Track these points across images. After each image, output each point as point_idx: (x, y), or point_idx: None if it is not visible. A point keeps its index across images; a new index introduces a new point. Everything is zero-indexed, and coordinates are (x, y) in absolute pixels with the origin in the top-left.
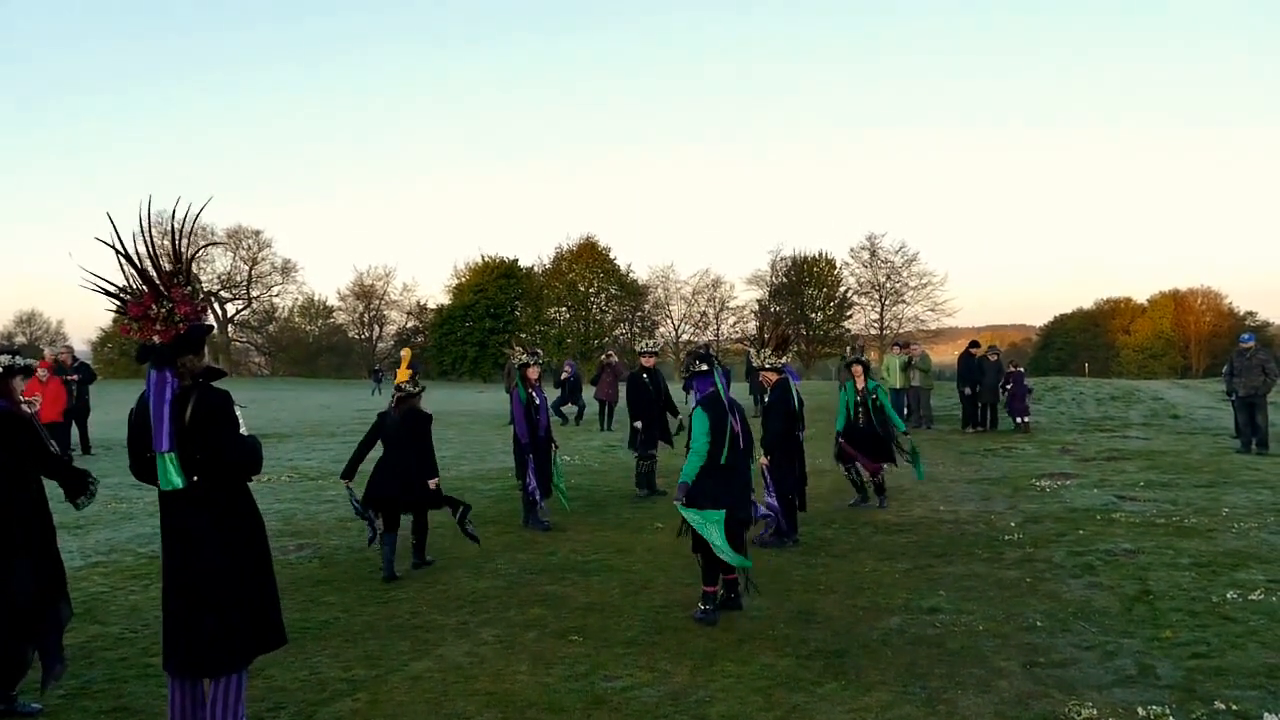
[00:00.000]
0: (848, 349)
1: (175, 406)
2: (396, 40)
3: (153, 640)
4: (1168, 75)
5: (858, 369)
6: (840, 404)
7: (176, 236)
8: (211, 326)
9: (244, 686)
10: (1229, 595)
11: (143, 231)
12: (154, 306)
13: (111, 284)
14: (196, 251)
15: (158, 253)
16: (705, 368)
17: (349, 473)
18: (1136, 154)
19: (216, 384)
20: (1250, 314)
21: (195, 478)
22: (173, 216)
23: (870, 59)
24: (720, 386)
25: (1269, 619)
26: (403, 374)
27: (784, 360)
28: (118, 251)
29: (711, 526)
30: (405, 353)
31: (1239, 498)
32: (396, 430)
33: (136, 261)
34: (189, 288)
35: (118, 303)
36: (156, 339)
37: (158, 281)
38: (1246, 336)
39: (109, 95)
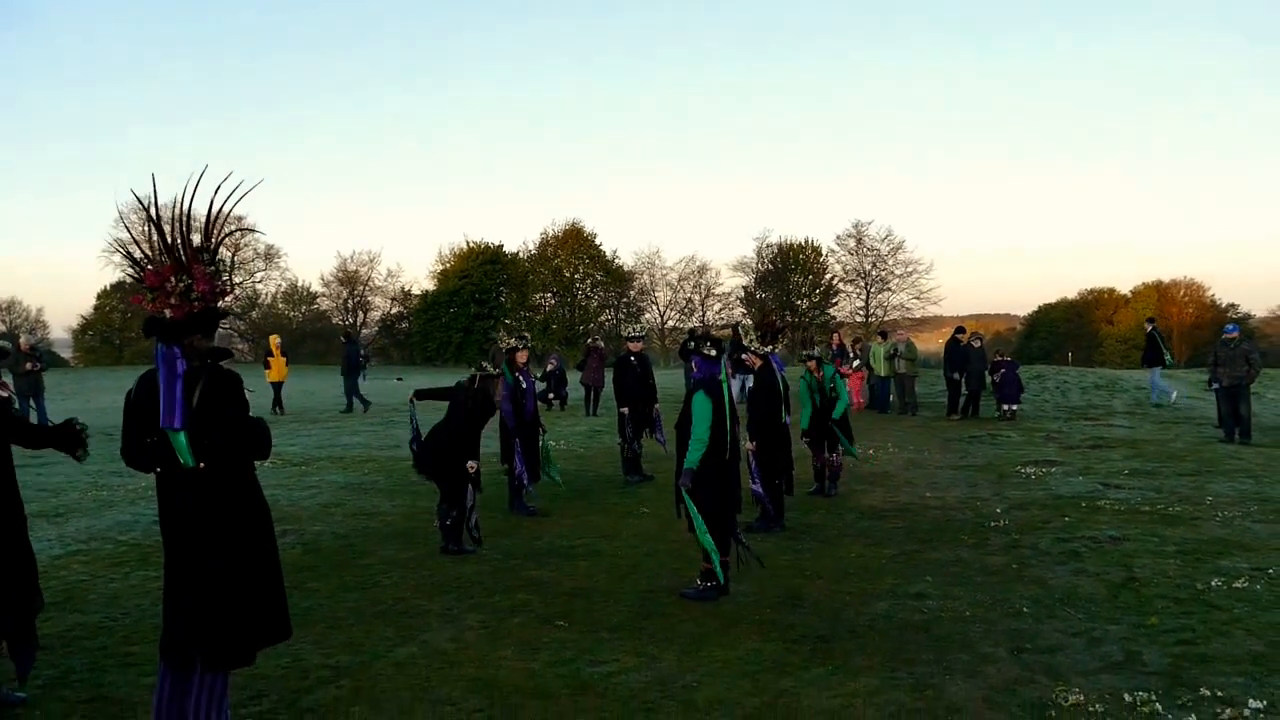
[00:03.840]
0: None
1: (185, 385)
2: (380, 25)
3: (133, 629)
4: (1154, 68)
5: (811, 364)
6: (802, 390)
7: (212, 213)
8: (228, 312)
9: (229, 676)
10: (1214, 583)
11: (178, 204)
12: (172, 279)
13: (137, 247)
14: (230, 233)
15: (189, 226)
16: (715, 353)
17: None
18: (1122, 146)
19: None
20: (1232, 306)
21: (202, 463)
22: (214, 191)
23: (856, 47)
24: (725, 374)
25: (1253, 606)
26: (276, 362)
27: (769, 349)
28: (148, 213)
29: (701, 527)
30: (273, 339)
31: (1222, 486)
32: (464, 407)
33: (165, 229)
34: (212, 267)
35: (136, 270)
36: (168, 313)
37: (181, 254)
38: (1231, 327)
39: (85, 79)
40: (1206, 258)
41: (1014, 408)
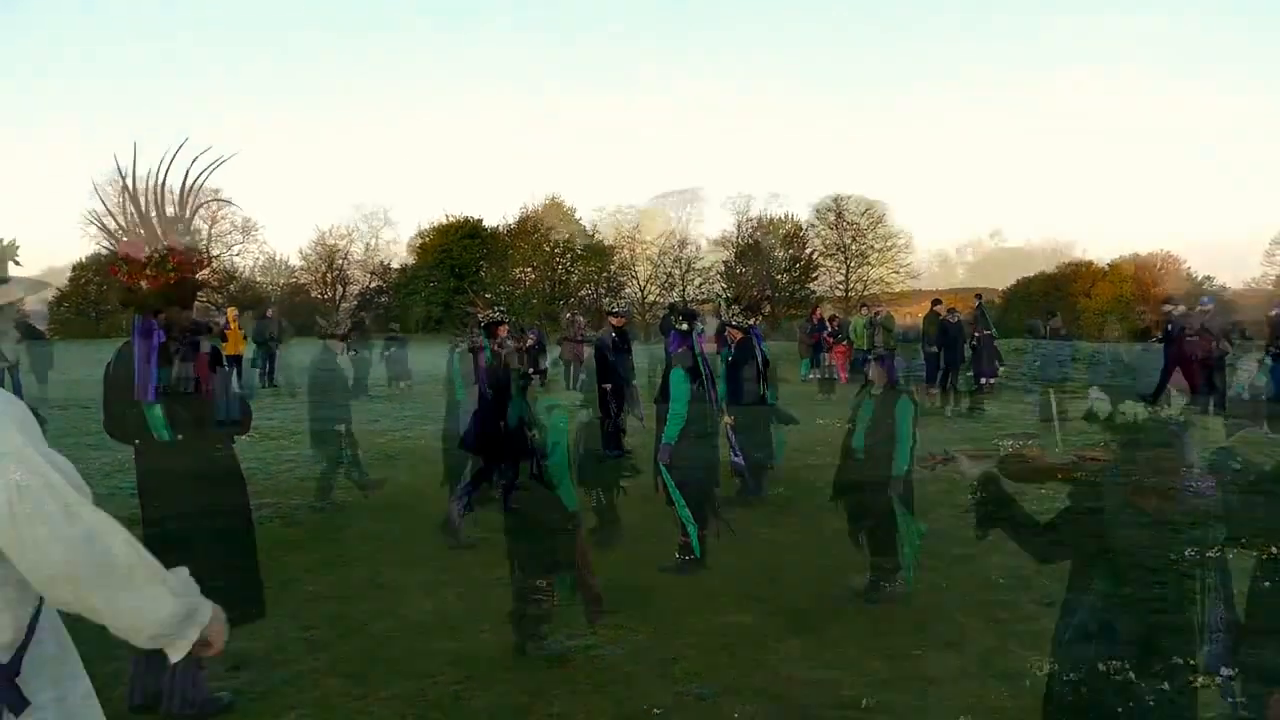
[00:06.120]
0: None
1: (162, 358)
2: None
3: None
4: (1129, 37)
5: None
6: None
7: (186, 184)
8: (204, 283)
9: None
10: (1186, 553)
11: (153, 175)
12: (146, 250)
13: (113, 218)
14: (204, 203)
15: (163, 196)
16: (686, 327)
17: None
18: (1099, 118)
19: None
20: (1208, 278)
21: (181, 435)
22: (190, 163)
23: (835, 19)
24: (696, 346)
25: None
26: (233, 334)
27: (752, 322)
28: (124, 184)
29: (680, 501)
30: (231, 311)
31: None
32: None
33: (140, 200)
34: (187, 238)
35: (111, 240)
36: (144, 284)
37: (155, 225)
38: (1206, 300)
39: (51, 40)
40: (1183, 231)
41: (992, 380)
